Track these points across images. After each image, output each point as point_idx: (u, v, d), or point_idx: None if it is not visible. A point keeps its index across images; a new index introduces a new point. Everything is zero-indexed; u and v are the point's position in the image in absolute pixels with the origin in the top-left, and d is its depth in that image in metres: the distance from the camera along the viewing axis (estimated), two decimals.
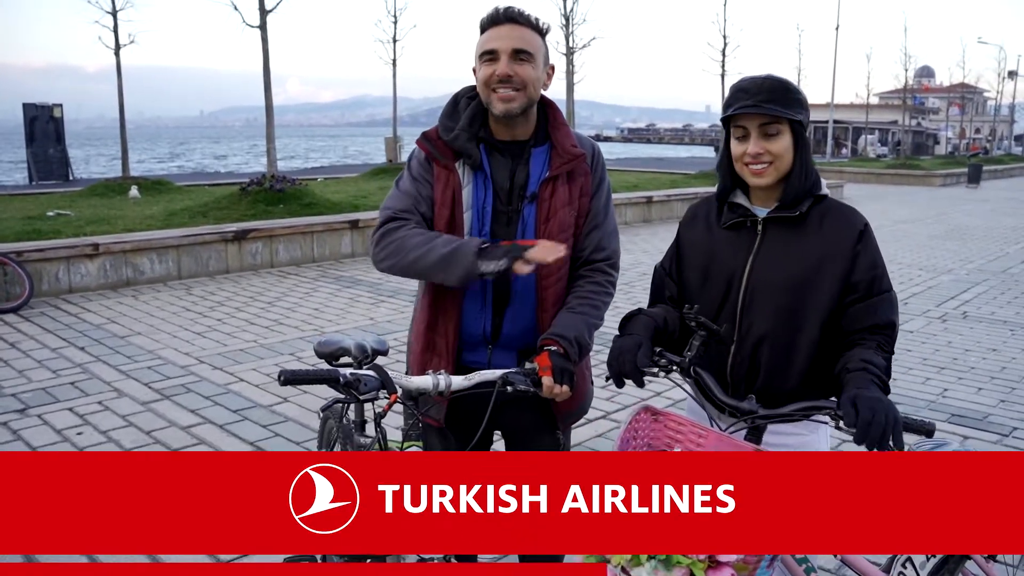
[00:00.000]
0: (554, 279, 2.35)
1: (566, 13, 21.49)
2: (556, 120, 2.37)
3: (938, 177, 31.99)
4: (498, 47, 2.23)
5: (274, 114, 13.81)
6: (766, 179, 2.05)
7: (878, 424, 1.66)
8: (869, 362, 1.90)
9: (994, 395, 5.86)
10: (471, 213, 2.31)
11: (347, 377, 1.88)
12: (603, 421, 5.16)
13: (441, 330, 2.39)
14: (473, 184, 2.31)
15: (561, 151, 2.33)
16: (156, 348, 6.68)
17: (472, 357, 2.42)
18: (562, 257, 2.14)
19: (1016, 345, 7.27)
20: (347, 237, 11.37)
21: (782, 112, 1.99)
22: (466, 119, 2.31)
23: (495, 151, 2.33)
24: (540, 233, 2.30)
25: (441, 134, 2.33)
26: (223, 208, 11.98)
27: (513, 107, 2.24)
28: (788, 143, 2.02)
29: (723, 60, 25.55)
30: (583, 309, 2.34)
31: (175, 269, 9.58)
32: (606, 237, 2.44)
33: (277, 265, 10.53)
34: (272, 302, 8.48)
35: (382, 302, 8.56)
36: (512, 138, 2.34)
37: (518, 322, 2.37)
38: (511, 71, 2.21)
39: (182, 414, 5.21)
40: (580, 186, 2.37)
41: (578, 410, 2.53)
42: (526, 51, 2.24)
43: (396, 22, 23.13)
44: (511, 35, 2.24)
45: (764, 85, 2.01)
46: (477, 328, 2.38)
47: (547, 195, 2.31)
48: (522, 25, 2.26)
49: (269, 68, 13.53)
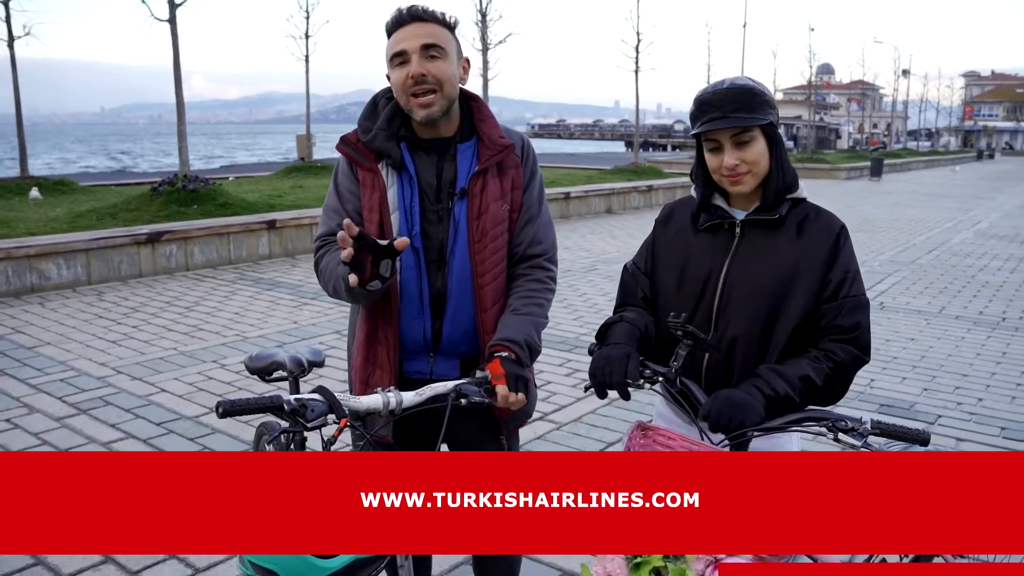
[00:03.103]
0: (490, 277, 2.28)
1: (482, 9, 21.43)
2: (481, 113, 2.31)
3: (843, 171, 33.18)
4: (407, 47, 2.15)
5: (186, 111, 13.33)
6: (745, 187, 2.02)
7: (721, 422, 1.83)
8: (781, 373, 1.93)
9: (917, 384, 6.03)
10: (398, 214, 2.23)
11: (292, 404, 1.73)
12: (541, 423, 5.10)
13: (382, 338, 2.28)
14: (398, 184, 2.24)
15: (489, 143, 2.26)
16: (68, 359, 6.33)
17: (414, 367, 2.34)
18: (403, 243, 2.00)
19: (931, 334, 7.52)
20: (264, 238, 11.05)
21: (752, 119, 1.95)
22: (384, 119, 2.24)
23: (419, 149, 2.26)
24: (473, 229, 2.24)
25: (360, 136, 2.26)
26: (133, 209, 11.51)
27: (434, 111, 2.17)
28: (763, 148, 1.99)
29: (636, 56, 25.92)
30: (528, 310, 2.27)
31: (84, 274, 9.13)
32: (542, 229, 2.38)
33: (193, 268, 10.15)
34: (190, 307, 8.15)
35: (305, 305, 8.33)
36: (436, 136, 2.26)
37: (458, 325, 2.29)
38: (424, 69, 2.14)
39: (101, 429, 4.92)
40: (511, 179, 2.30)
41: (522, 414, 2.46)
42: (436, 45, 2.16)
43: (308, 17, 22.70)
44: (418, 33, 2.16)
45: (729, 95, 1.96)
46: (417, 334, 2.29)
47: (477, 189, 2.24)
48: (428, 22, 2.18)
49: (179, 63, 13.05)
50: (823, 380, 1.94)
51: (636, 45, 25.89)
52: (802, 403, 1.92)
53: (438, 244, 2.25)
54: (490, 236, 2.25)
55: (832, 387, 1.97)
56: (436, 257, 2.26)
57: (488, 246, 2.26)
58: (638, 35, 25.92)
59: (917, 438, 1.70)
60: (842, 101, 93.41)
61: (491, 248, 2.27)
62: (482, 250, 2.25)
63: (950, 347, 7.08)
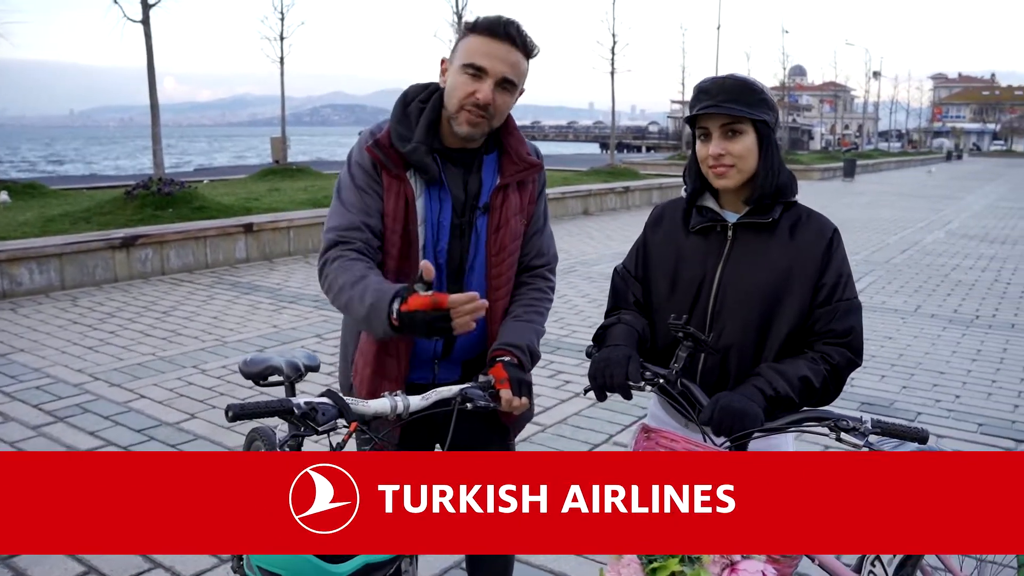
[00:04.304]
0: (504, 292, 2.27)
1: (458, 11, 21.39)
2: (508, 126, 2.23)
3: (817, 171, 33.46)
4: (489, 67, 2.04)
5: (159, 113, 13.18)
6: (729, 181, 2.00)
7: (723, 428, 1.84)
8: (781, 373, 1.94)
9: (896, 382, 6.09)
10: (425, 227, 2.16)
11: (302, 407, 1.71)
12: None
13: (393, 351, 2.21)
14: (426, 196, 2.15)
15: (516, 158, 2.22)
16: (43, 366, 6.23)
17: (418, 375, 2.29)
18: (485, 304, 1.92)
19: (908, 332, 7.61)
20: (242, 241, 10.95)
21: (743, 111, 1.94)
22: (423, 130, 2.12)
23: (448, 161, 2.18)
24: (491, 243, 2.20)
25: (395, 142, 2.12)
26: (107, 213, 11.34)
27: (477, 132, 2.11)
28: (751, 144, 1.98)
29: (612, 58, 26.01)
30: (530, 317, 2.27)
31: (58, 279, 9.00)
32: (546, 241, 2.38)
33: (169, 272, 10.04)
34: (167, 311, 8.06)
35: (284, 308, 8.27)
36: (464, 146, 2.18)
37: (469, 336, 2.24)
38: (491, 100, 2.05)
39: (80, 437, 4.84)
40: (529, 193, 2.28)
41: (524, 418, 2.44)
42: (513, 82, 2.10)
43: (283, 19, 22.55)
44: (506, 58, 2.06)
45: (725, 85, 1.97)
46: (428, 346, 2.25)
47: (498, 203, 2.20)
48: (518, 49, 2.09)
49: (154, 65, 12.89)
50: (820, 382, 1.95)
51: (612, 47, 25.99)
52: (800, 403, 1.93)
53: (458, 258, 2.20)
54: (508, 251, 2.22)
55: (827, 388, 1.98)
56: (455, 269, 2.21)
57: (505, 260, 2.23)
58: (614, 37, 26.03)
59: (916, 436, 1.72)
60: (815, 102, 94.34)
61: (508, 263, 2.24)
62: (499, 264, 2.22)
63: (927, 345, 7.17)
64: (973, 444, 4.88)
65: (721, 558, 1.49)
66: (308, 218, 11.81)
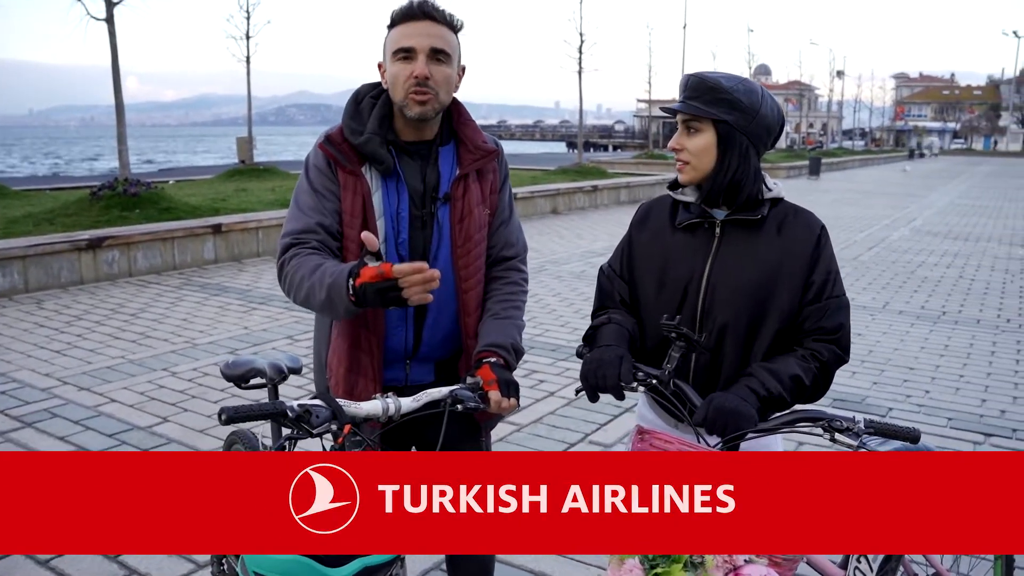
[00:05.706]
0: (473, 282, 2.27)
1: None
2: (462, 117, 2.27)
3: (783, 169, 33.76)
4: (415, 45, 2.09)
5: (125, 113, 12.97)
6: (685, 176, 2.06)
7: (716, 429, 1.85)
8: (773, 372, 1.95)
9: (867, 378, 6.17)
10: (384, 220, 2.17)
11: (296, 410, 1.71)
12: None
13: (365, 347, 2.22)
14: (383, 190, 2.17)
15: (472, 147, 2.23)
16: (9, 370, 6.10)
17: (391, 374, 2.29)
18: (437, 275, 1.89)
19: (877, 329, 7.71)
20: (210, 242, 10.83)
21: (700, 110, 1.97)
22: (375, 121, 2.15)
23: (404, 153, 2.20)
24: (456, 234, 2.21)
25: (348, 136, 2.15)
26: (72, 214, 11.15)
27: (428, 110, 2.12)
28: (708, 142, 2.00)
29: (580, 57, 26.07)
30: (509, 313, 2.28)
31: (21, 282, 8.82)
32: (514, 232, 2.39)
33: (136, 274, 9.89)
34: (136, 314, 7.95)
35: (254, 309, 8.19)
36: (419, 139, 2.21)
37: (438, 331, 2.27)
38: (428, 73, 2.08)
39: (49, 442, 4.75)
40: (490, 183, 2.29)
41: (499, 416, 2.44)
42: (444, 51, 2.12)
43: (249, 18, 22.33)
44: (429, 33, 2.10)
45: (691, 82, 2.01)
46: (399, 342, 2.25)
47: (460, 194, 2.21)
48: (439, 22, 2.12)
49: (118, 64, 12.68)
50: (811, 380, 1.97)
51: (579, 46, 26.05)
52: (792, 402, 1.95)
53: (421, 250, 2.21)
54: (474, 241, 2.23)
55: (817, 386, 2.00)
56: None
57: (472, 251, 2.24)
58: (581, 36, 26.09)
59: (908, 436, 1.73)
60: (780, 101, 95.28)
61: (474, 253, 2.25)
62: (466, 255, 2.23)
63: (896, 341, 7.26)
64: (944, 439, 4.96)
65: (724, 563, 1.49)
66: (277, 218, 11.69)
